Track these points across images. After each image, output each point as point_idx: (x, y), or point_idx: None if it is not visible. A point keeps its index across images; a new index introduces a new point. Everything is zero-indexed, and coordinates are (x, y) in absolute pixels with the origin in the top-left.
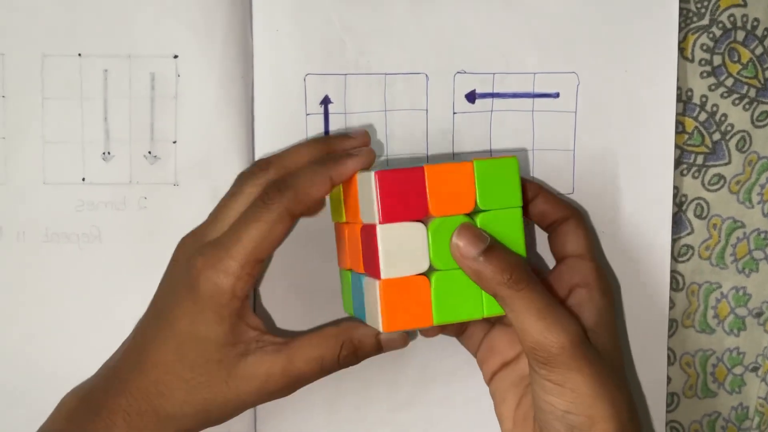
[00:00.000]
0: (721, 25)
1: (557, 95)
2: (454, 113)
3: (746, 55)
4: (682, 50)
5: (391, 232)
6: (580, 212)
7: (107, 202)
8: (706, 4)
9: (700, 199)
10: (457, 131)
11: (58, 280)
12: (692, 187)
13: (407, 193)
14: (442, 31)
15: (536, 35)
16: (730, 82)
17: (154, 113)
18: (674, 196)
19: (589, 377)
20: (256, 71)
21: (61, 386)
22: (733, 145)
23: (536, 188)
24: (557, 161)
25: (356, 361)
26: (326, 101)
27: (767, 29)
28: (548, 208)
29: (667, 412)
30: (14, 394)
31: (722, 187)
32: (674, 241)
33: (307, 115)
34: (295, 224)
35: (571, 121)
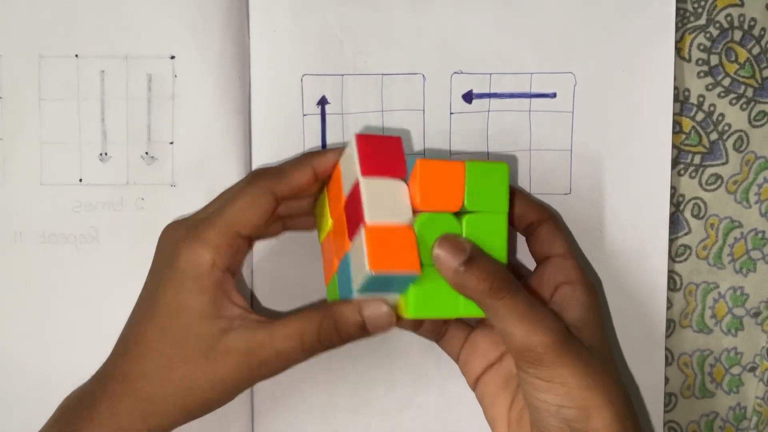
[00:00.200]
0: (718, 24)
1: (554, 95)
2: (451, 113)
3: (743, 54)
4: (679, 50)
5: (373, 183)
6: (555, 214)
7: (104, 203)
8: (703, 3)
9: (697, 199)
10: (454, 131)
11: (55, 281)
12: (689, 187)
13: (387, 155)
14: (439, 31)
15: (533, 35)
16: (727, 81)
17: (151, 114)
18: (671, 196)
19: (577, 370)
20: (253, 72)
21: (57, 387)
22: (730, 144)
23: (512, 191)
24: (554, 161)
25: (338, 338)
26: (323, 102)
27: (764, 29)
28: (525, 210)
29: (664, 412)
30: (11, 395)
31: (719, 186)
32: (671, 241)
33: (304, 115)
34: (277, 205)
35: (568, 121)
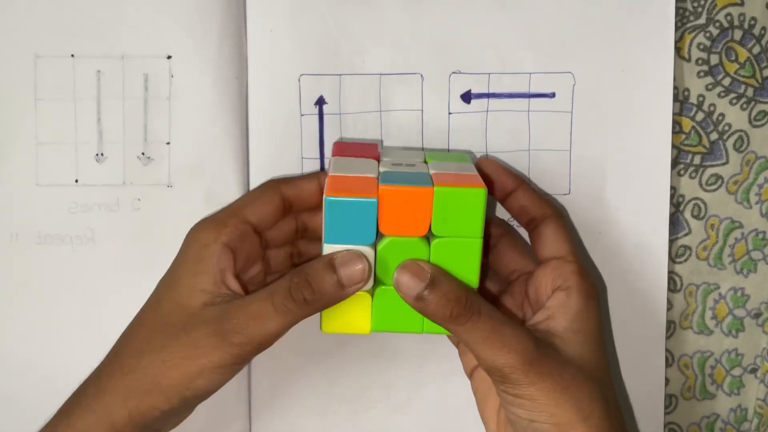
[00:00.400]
0: (718, 24)
1: (553, 95)
2: (449, 113)
3: (743, 54)
4: (678, 49)
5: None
6: (560, 211)
7: (101, 203)
8: (702, 3)
9: (697, 199)
10: (452, 131)
11: (51, 282)
12: (689, 187)
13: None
14: (437, 31)
15: (532, 35)
16: (727, 81)
17: (147, 114)
18: (671, 196)
19: (544, 388)
20: (250, 72)
21: (53, 388)
22: (730, 144)
23: (517, 181)
24: (553, 162)
25: (311, 294)
26: (321, 102)
27: (764, 28)
28: (528, 203)
29: (665, 414)
30: (7, 395)
31: (720, 187)
32: (672, 241)
33: (301, 115)
34: (285, 206)
35: (567, 121)
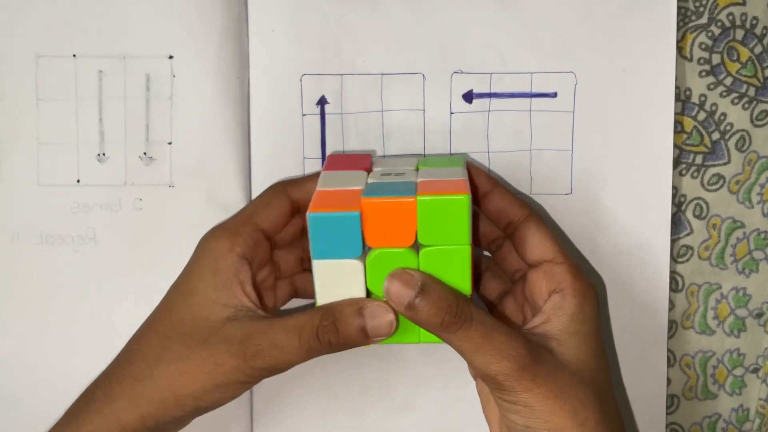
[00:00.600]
0: (719, 23)
1: (555, 95)
2: (451, 113)
3: (745, 53)
4: (680, 49)
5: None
6: (537, 212)
7: (102, 203)
8: (704, 2)
9: (699, 199)
10: (454, 131)
11: (53, 282)
12: (691, 187)
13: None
14: (438, 30)
15: (533, 35)
16: (729, 81)
17: (149, 114)
18: (673, 196)
19: (539, 395)
20: (251, 72)
21: (55, 388)
22: (732, 144)
23: (492, 182)
24: (555, 161)
25: (336, 338)
26: (323, 102)
27: (766, 28)
28: (505, 205)
29: (667, 414)
30: (8, 395)
31: (722, 186)
32: (673, 241)
33: (303, 115)
34: (293, 208)
35: (568, 120)
